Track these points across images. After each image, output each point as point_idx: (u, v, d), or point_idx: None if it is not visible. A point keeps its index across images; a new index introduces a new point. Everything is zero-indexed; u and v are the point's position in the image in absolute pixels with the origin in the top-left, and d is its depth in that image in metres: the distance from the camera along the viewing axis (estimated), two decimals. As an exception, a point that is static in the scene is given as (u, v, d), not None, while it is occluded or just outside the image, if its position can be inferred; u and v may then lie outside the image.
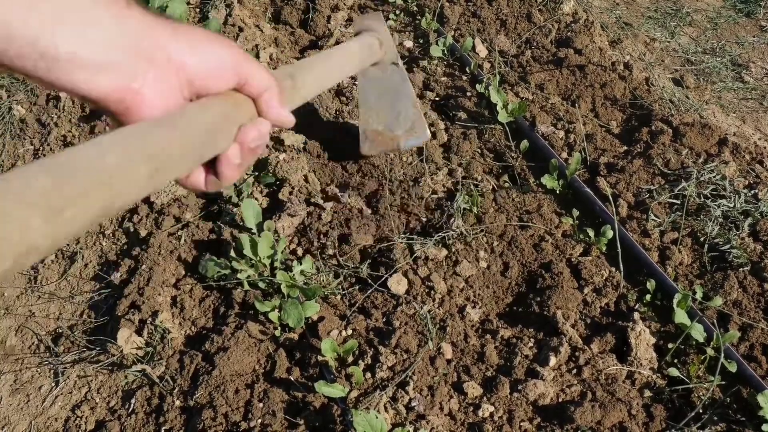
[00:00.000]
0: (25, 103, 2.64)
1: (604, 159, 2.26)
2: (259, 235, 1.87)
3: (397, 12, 3.10)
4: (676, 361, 1.68)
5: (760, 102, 2.74)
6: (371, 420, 1.40)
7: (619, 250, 1.87)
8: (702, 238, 1.96)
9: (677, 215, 2.02)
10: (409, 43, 2.93)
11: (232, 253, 1.85)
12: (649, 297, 1.81)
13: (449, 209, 2.02)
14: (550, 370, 1.63)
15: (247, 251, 1.81)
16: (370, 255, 1.93)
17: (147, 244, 1.99)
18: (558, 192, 2.16)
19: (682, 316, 1.66)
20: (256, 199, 2.04)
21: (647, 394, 1.62)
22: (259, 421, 1.55)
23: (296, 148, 2.29)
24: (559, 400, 1.59)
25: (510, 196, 2.11)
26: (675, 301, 1.68)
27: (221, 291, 1.89)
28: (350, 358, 1.65)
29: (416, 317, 1.74)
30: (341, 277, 1.89)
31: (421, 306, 1.77)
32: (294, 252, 1.96)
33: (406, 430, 1.45)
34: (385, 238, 1.96)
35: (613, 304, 1.81)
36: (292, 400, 1.60)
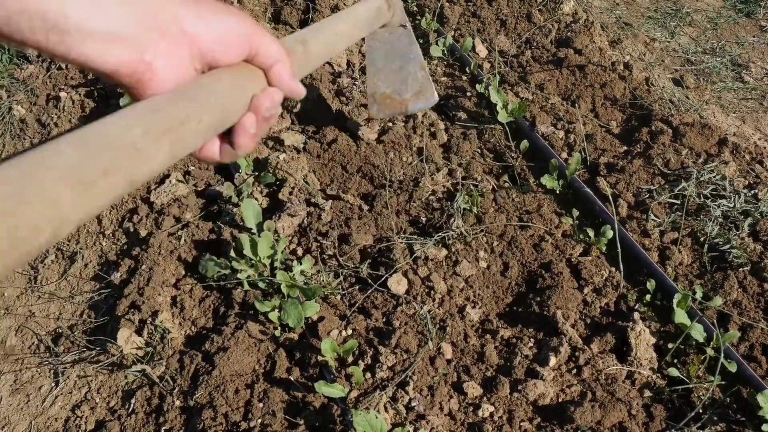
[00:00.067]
0: (25, 103, 2.63)
1: (604, 159, 2.26)
2: (259, 235, 1.87)
3: (397, 12, 3.09)
4: (676, 361, 1.68)
5: (760, 102, 2.74)
6: (371, 420, 1.41)
7: (619, 250, 1.87)
8: (702, 238, 1.96)
9: (677, 215, 2.02)
10: (409, 43, 2.92)
11: (232, 253, 1.85)
12: (649, 297, 1.81)
13: (449, 209, 2.02)
14: (550, 370, 1.63)
15: (247, 251, 1.81)
16: (370, 255, 1.93)
17: (147, 244, 1.99)
18: (558, 192, 2.16)
19: (682, 316, 1.66)
20: (256, 199, 2.04)
21: (647, 394, 1.62)
22: (259, 421, 1.55)
23: (296, 148, 2.29)
24: (559, 400, 1.59)
25: (510, 196, 2.11)
26: (675, 301, 1.68)
27: (221, 291, 1.89)
28: (350, 358, 1.65)
29: (416, 317, 1.74)
30: (341, 277, 1.89)
31: (421, 306, 1.77)
32: (294, 252, 1.96)
33: (406, 430, 1.45)
34: (385, 238, 1.96)
35: (613, 304, 1.81)
36: (292, 400, 1.60)
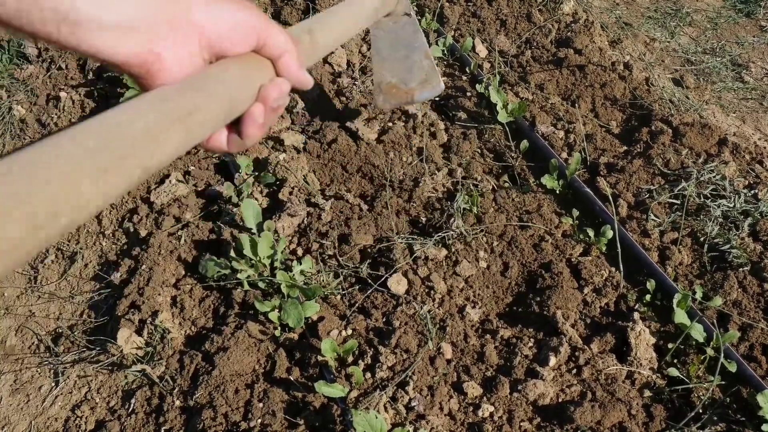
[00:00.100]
0: (25, 103, 2.63)
1: (604, 159, 2.26)
2: (259, 235, 1.87)
3: (397, 12, 3.09)
4: (675, 361, 1.68)
5: (760, 102, 2.74)
6: (371, 420, 1.41)
7: (619, 250, 1.87)
8: (702, 238, 1.96)
9: (677, 215, 2.02)
10: (409, 43, 2.92)
11: (232, 253, 1.85)
12: (649, 297, 1.81)
13: (449, 209, 2.02)
14: (550, 370, 1.63)
15: (247, 251, 1.81)
16: (370, 255, 1.93)
17: (147, 244, 1.99)
18: (558, 192, 2.16)
19: (682, 316, 1.66)
20: (256, 199, 2.04)
21: (647, 394, 1.62)
22: (259, 421, 1.55)
23: (296, 148, 2.29)
24: (559, 400, 1.59)
25: (510, 196, 2.11)
26: (675, 301, 1.68)
27: (221, 291, 1.89)
28: (350, 358, 1.66)
29: (416, 317, 1.74)
30: (341, 277, 1.89)
31: (421, 306, 1.77)
32: (294, 252, 1.96)
33: (406, 430, 1.45)
34: (385, 238, 1.96)
35: (613, 304, 1.81)
36: (292, 400, 1.60)
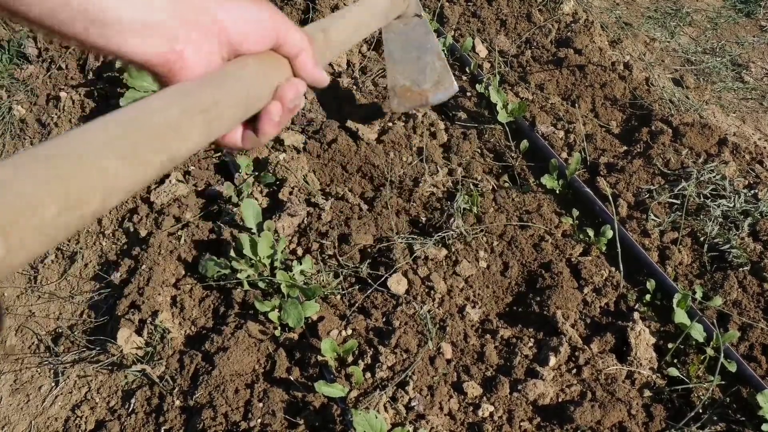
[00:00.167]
0: (25, 103, 2.64)
1: (604, 159, 2.26)
2: (259, 235, 1.87)
3: (397, 12, 3.09)
4: (675, 361, 1.68)
5: (760, 102, 2.74)
6: (371, 420, 1.41)
7: (619, 250, 1.87)
8: (702, 238, 1.96)
9: (677, 215, 2.02)
10: (409, 43, 2.92)
11: (232, 253, 1.85)
12: (648, 297, 1.81)
13: (449, 209, 2.02)
14: (550, 370, 1.63)
15: (247, 251, 1.81)
16: (370, 255, 1.93)
17: (147, 244, 1.99)
18: (558, 192, 2.16)
19: (681, 316, 1.66)
20: (256, 199, 2.04)
21: (647, 394, 1.62)
22: (259, 420, 1.55)
23: (296, 147, 2.29)
24: (559, 400, 1.59)
25: (510, 196, 2.11)
26: (675, 301, 1.68)
27: (221, 291, 1.89)
28: (350, 358, 1.66)
29: (416, 317, 1.74)
30: (341, 277, 1.89)
31: (421, 306, 1.77)
32: (294, 252, 1.96)
33: (405, 430, 1.45)
34: (384, 238, 1.96)
35: (613, 304, 1.81)
36: (292, 399, 1.60)
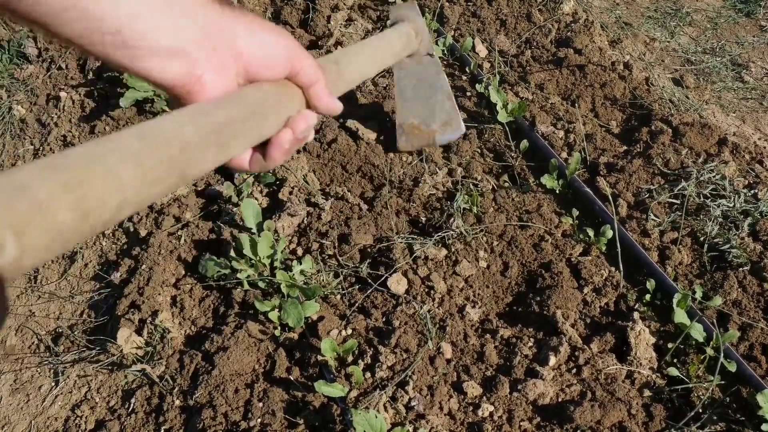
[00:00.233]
0: (25, 103, 2.64)
1: (603, 159, 2.26)
2: (259, 235, 1.87)
3: (397, 12, 3.09)
4: (675, 360, 1.68)
5: (760, 102, 2.74)
6: (371, 419, 1.41)
7: (619, 249, 1.87)
8: (702, 238, 1.96)
9: (677, 215, 2.02)
10: (409, 43, 2.92)
11: (232, 253, 1.85)
12: (648, 297, 1.81)
13: (449, 209, 2.02)
14: (550, 370, 1.63)
15: (247, 251, 1.81)
16: (370, 254, 1.93)
17: (147, 244, 1.99)
18: (558, 192, 2.16)
19: (681, 316, 1.66)
20: (256, 199, 2.04)
21: (647, 393, 1.62)
22: (259, 420, 1.55)
23: (296, 147, 2.29)
24: (559, 400, 1.59)
25: (510, 196, 2.11)
26: (675, 300, 1.68)
27: (221, 291, 1.89)
28: (350, 358, 1.66)
29: (416, 317, 1.74)
30: (341, 277, 1.89)
31: (421, 306, 1.77)
32: (294, 252, 1.96)
33: (405, 430, 1.45)
34: (384, 238, 1.96)
35: (613, 304, 1.81)
36: (292, 399, 1.60)
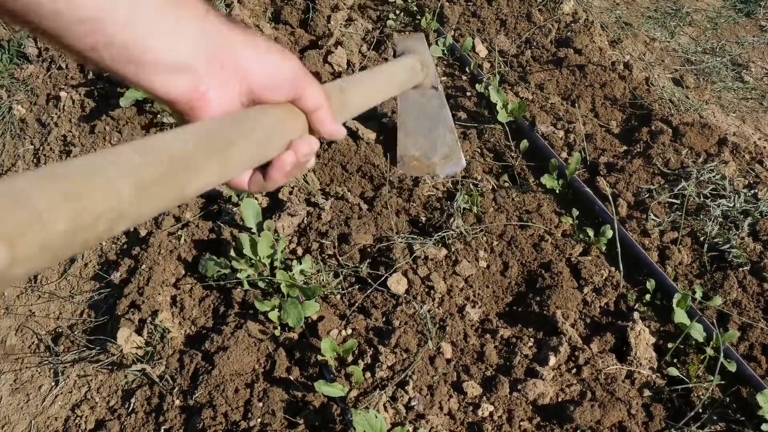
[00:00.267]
0: (25, 103, 2.64)
1: (603, 159, 2.26)
2: (259, 235, 1.87)
3: (397, 12, 3.09)
4: (675, 360, 1.68)
5: (760, 102, 2.74)
6: (371, 419, 1.41)
7: (619, 249, 1.87)
8: (702, 238, 1.96)
9: (677, 215, 2.02)
10: (409, 43, 2.92)
11: (232, 253, 1.85)
12: (648, 297, 1.81)
13: (449, 209, 2.02)
14: (550, 370, 1.63)
15: (247, 251, 1.81)
16: (370, 254, 1.93)
17: (147, 244, 1.99)
18: (558, 192, 2.16)
19: (681, 316, 1.66)
20: (256, 199, 2.04)
21: (647, 393, 1.62)
22: (259, 420, 1.55)
23: (296, 147, 2.29)
24: (559, 400, 1.59)
25: (510, 196, 2.11)
26: (675, 300, 1.68)
27: (221, 291, 1.89)
28: (350, 358, 1.66)
29: (416, 317, 1.74)
30: (341, 277, 1.89)
31: (421, 305, 1.77)
32: (294, 251, 1.96)
33: (405, 430, 1.45)
34: (384, 238, 1.96)
35: (613, 304, 1.81)
36: (292, 399, 1.60)
